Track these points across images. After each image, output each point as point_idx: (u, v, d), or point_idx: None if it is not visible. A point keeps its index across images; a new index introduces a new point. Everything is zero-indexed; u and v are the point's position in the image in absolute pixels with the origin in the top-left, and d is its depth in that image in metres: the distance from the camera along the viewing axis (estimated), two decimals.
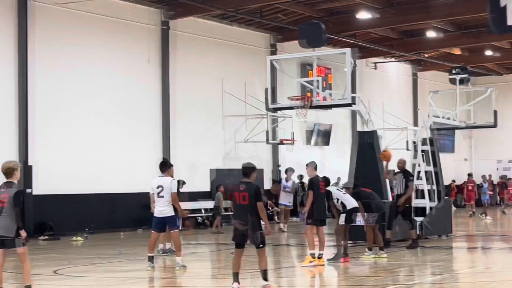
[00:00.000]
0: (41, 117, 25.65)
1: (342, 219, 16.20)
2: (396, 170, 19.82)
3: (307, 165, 15.89)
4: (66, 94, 26.39)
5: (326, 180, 16.45)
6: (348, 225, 16.32)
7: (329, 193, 16.26)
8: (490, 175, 44.81)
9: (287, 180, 27.53)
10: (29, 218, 24.81)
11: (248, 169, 11.94)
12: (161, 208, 15.22)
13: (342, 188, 17.33)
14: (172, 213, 15.28)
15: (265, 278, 11.85)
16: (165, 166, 15.80)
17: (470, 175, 34.85)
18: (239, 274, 11.68)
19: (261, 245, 11.65)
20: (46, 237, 24.72)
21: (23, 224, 11.14)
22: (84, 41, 27.02)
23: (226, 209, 28.80)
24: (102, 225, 27.12)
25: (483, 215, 31.64)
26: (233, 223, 11.93)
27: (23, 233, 11.02)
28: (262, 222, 11.65)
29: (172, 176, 15.72)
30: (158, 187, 15.30)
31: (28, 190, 24.93)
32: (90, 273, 15.44)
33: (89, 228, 25.68)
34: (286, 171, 27.93)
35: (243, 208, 11.60)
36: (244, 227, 11.54)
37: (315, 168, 15.75)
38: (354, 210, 16.29)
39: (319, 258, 15.47)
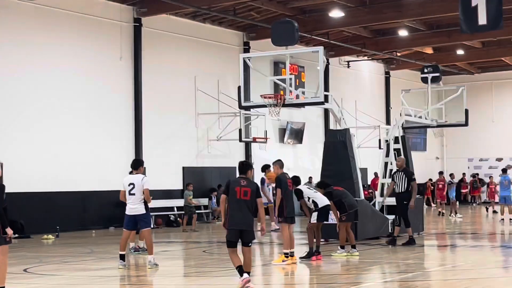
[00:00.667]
0: (10, 114, 25.41)
1: (314, 217, 16.23)
2: (395, 168, 20.00)
3: (273, 163, 15.92)
4: (36, 91, 26.16)
5: (297, 179, 16.46)
6: (320, 223, 16.35)
7: (300, 192, 16.28)
8: (464, 174, 45.24)
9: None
10: None
11: (245, 166, 11.98)
12: (132, 206, 15.16)
13: (314, 187, 17.36)
14: (143, 211, 15.21)
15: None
16: (137, 164, 15.73)
17: (441, 173, 34.92)
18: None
19: (250, 244, 11.67)
20: (16, 236, 24.51)
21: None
22: (54, 38, 26.80)
23: (197, 207, 28.76)
24: (73, 224, 26.96)
25: (453, 214, 31.81)
26: (230, 218, 11.70)
27: (9, 231, 10.92)
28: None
29: (143, 174, 15.67)
30: (129, 184, 15.25)
31: None
32: (60, 271, 15.32)
33: (60, 226, 25.47)
34: (264, 169, 27.35)
35: (244, 204, 11.54)
36: (244, 226, 11.54)
37: (282, 166, 15.76)
38: (326, 207, 16.31)
39: (291, 256, 15.48)
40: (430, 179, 42.89)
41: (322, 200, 16.29)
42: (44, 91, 26.38)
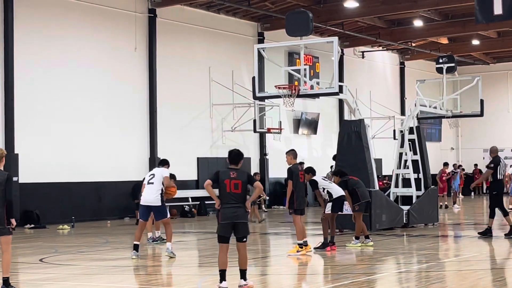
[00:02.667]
0: (27, 105, 25.54)
1: (328, 208, 16.23)
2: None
3: (286, 153, 15.67)
4: (52, 83, 26.27)
5: (312, 170, 16.44)
6: (334, 214, 16.35)
7: (315, 183, 16.27)
8: (476, 164, 45.09)
9: None
10: (15, 206, 24.74)
11: (238, 156, 11.07)
12: (148, 197, 15.27)
13: (330, 175, 17.36)
14: (159, 203, 15.31)
15: (243, 277, 10.94)
16: (163, 162, 16.23)
17: (445, 164, 34.09)
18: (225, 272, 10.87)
19: (244, 239, 10.90)
20: (32, 226, 24.67)
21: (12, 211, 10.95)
22: (68, 30, 26.89)
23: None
24: (88, 214, 27.10)
25: (454, 204, 31.75)
26: (221, 212, 10.90)
27: (13, 221, 10.89)
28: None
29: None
30: (150, 175, 15.47)
31: (15, 178, 24.85)
32: (76, 261, 15.41)
33: (76, 216, 25.61)
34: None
35: (235, 197, 10.79)
36: (238, 218, 10.78)
37: (295, 156, 15.57)
38: (341, 198, 16.31)
39: (305, 245, 15.49)
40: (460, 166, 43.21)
41: (337, 191, 16.28)
42: (60, 83, 26.48)
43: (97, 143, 27.48)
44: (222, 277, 10.75)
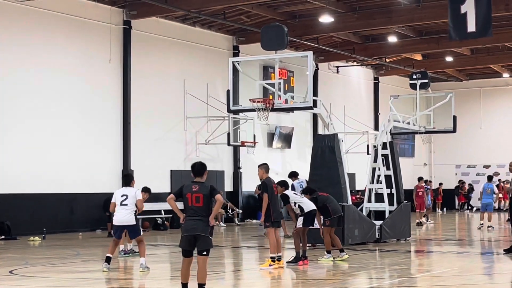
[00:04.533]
0: None
1: (300, 222, 16.25)
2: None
3: (259, 166, 15.73)
4: (24, 92, 26.08)
5: (285, 184, 16.47)
6: (306, 228, 16.36)
7: (286, 197, 16.28)
8: (461, 181, 45.77)
9: None
10: None
11: (201, 168, 11.02)
12: (122, 217, 15.27)
13: (300, 193, 17.39)
14: (133, 222, 15.36)
15: None
16: (129, 179, 15.99)
17: (420, 179, 33.80)
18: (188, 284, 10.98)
19: (204, 253, 10.87)
20: (3, 237, 24.43)
21: None
22: (43, 39, 26.74)
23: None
24: (60, 226, 26.89)
25: (424, 218, 31.91)
26: (182, 227, 11.05)
27: None
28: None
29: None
30: (122, 195, 15.35)
31: None
32: (46, 273, 15.27)
33: (47, 228, 25.38)
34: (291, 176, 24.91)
35: (197, 210, 10.81)
36: (196, 231, 10.81)
37: (267, 170, 15.62)
38: (312, 213, 16.33)
39: (278, 260, 15.47)
40: (441, 183, 43.70)
41: (308, 205, 16.31)
42: (32, 92, 26.29)
43: (69, 155, 27.29)
44: None
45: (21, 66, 26.03)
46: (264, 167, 15.57)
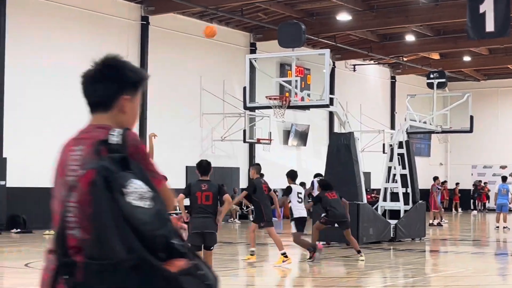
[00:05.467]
0: (17, 110, 25.45)
1: (293, 227, 15.99)
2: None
3: (251, 166, 16.00)
4: (42, 88, 26.20)
5: (291, 175, 16.26)
6: (301, 233, 16.09)
7: (289, 190, 16.02)
8: (481, 181, 45.65)
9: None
10: (2, 210, 24.68)
11: (208, 167, 11.48)
12: None
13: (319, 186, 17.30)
14: None
15: None
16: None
17: (435, 178, 33.27)
18: None
19: (212, 248, 11.37)
20: (18, 230, 24.57)
21: None
22: (60, 35, 26.84)
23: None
24: None
25: (439, 219, 31.76)
26: (191, 222, 11.35)
27: None
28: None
29: None
30: None
31: (2, 183, 24.76)
32: None
33: None
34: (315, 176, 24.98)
35: (205, 209, 11.12)
36: (207, 229, 11.17)
37: (259, 171, 15.67)
38: (302, 219, 15.93)
39: (285, 256, 15.33)
40: (457, 183, 43.57)
41: (299, 211, 16.01)
42: (50, 87, 26.42)
43: None
44: None
45: (39, 61, 26.14)
46: (256, 168, 15.79)
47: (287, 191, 16.11)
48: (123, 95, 3.47)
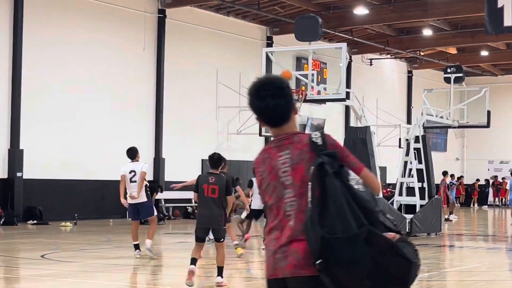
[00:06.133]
0: (33, 102, 25.55)
1: (244, 214, 16.74)
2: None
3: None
4: (59, 80, 26.28)
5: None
6: (250, 221, 17.14)
7: (251, 183, 17.05)
8: (496, 176, 45.39)
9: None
10: (19, 202, 24.80)
11: (219, 160, 11.38)
12: (134, 195, 14.91)
13: None
14: (144, 199, 15.07)
15: (220, 274, 11.30)
16: (134, 153, 15.51)
17: (444, 173, 32.85)
18: (197, 261, 11.31)
19: (222, 240, 11.26)
20: (35, 222, 24.69)
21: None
22: (76, 27, 26.90)
23: None
24: (91, 212, 27.10)
25: (450, 214, 31.64)
26: (198, 216, 11.54)
27: None
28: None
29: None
30: (130, 172, 15.12)
31: (19, 174, 24.89)
32: (77, 258, 15.40)
33: (78, 214, 25.61)
34: None
35: (211, 201, 11.10)
36: (211, 225, 11.25)
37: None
38: (258, 211, 16.58)
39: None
40: (478, 179, 43.33)
41: (257, 203, 16.43)
42: (66, 80, 26.49)
43: (101, 141, 27.47)
44: (192, 263, 11.11)
45: (55, 54, 26.22)
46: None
47: (250, 185, 17.31)
48: (294, 109, 4.26)
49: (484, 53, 40.87)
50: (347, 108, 36.52)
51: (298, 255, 3.98)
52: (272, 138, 4.32)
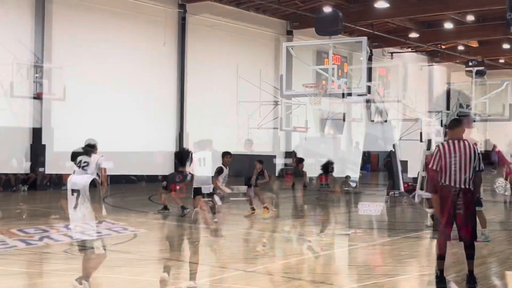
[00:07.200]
0: (56, 98, 25.73)
1: (217, 198, 17.36)
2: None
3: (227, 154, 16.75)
4: (82, 75, 26.43)
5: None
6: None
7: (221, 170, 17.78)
8: None
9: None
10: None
11: (186, 156, 11.02)
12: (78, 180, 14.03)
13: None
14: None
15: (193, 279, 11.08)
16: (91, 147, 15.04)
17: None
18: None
19: (196, 242, 11.17)
20: (57, 217, 24.83)
21: None
22: (99, 21, 27.03)
23: (236, 195, 28.81)
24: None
25: None
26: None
27: None
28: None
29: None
30: (84, 162, 14.55)
31: (41, 170, 25.05)
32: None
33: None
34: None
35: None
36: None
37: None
38: (196, 188, 16.20)
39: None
40: None
41: (198, 180, 16.29)
42: (90, 77, 26.64)
43: (125, 136, 27.59)
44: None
45: (79, 49, 26.37)
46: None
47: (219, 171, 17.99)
48: None
49: (506, 46, 40.63)
50: (368, 102, 36.45)
51: None
52: None
